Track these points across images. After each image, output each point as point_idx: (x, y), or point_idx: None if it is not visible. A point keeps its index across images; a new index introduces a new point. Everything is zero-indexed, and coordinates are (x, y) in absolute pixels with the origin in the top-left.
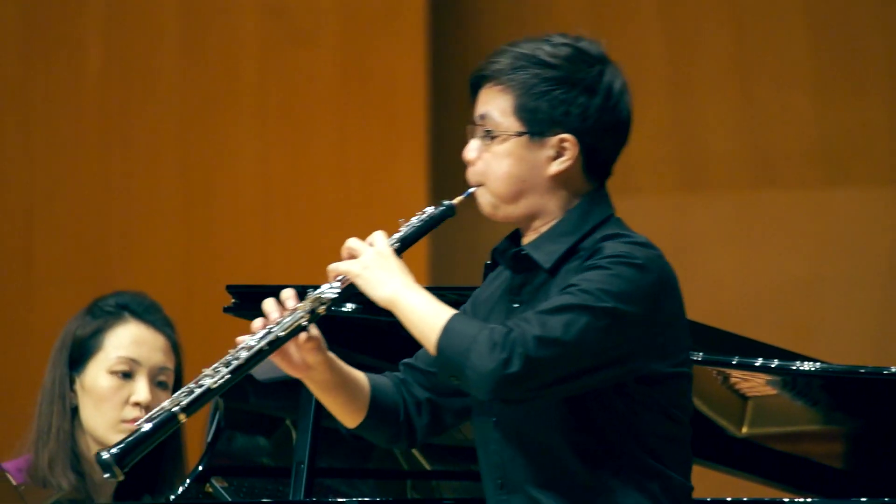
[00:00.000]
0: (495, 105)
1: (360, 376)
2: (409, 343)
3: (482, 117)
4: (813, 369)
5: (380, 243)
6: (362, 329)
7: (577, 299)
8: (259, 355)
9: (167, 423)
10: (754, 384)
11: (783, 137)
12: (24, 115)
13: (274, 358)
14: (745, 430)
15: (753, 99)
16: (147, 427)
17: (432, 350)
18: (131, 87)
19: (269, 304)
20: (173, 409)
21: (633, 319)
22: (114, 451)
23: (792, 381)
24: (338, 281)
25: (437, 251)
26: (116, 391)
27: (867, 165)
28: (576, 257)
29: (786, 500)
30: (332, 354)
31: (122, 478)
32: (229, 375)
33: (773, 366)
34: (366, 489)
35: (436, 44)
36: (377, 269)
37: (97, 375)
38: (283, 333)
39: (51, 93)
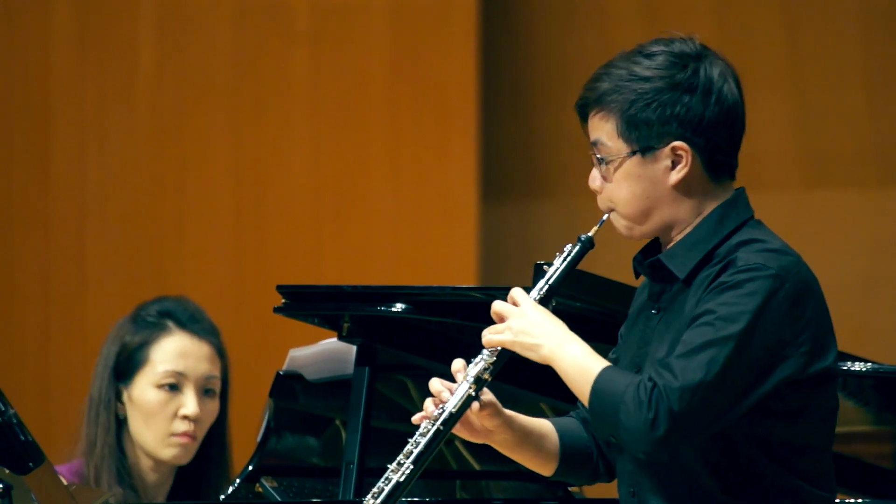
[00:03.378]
0: (603, 130)
1: (545, 426)
2: (458, 344)
3: (594, 145)
4: (864, 369)
5: (523, 302)
6: (413, 330)
7: (715, 331)
8: (437, 437)
9: None
10: None
11: (836, 137)
12: (76, 115)
13: (454, 429)
14: None
15: (806, 99)
16: None
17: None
18: (183, 87)
19: (435, 384)
20: None
21: (774, 333)
22: None
23: (843, 381)
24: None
25: (486, 250)
26: (165, 405)
27: None
28: (710, 265)
29: (836, 500)
30: (510, 413)
31: None
32: (412, 466)
33: None
34: (415, 489)
35: (486, 43)
36: (528, 332)
37: (144, 389)
38: (455, 410)
39: (103, 93)
